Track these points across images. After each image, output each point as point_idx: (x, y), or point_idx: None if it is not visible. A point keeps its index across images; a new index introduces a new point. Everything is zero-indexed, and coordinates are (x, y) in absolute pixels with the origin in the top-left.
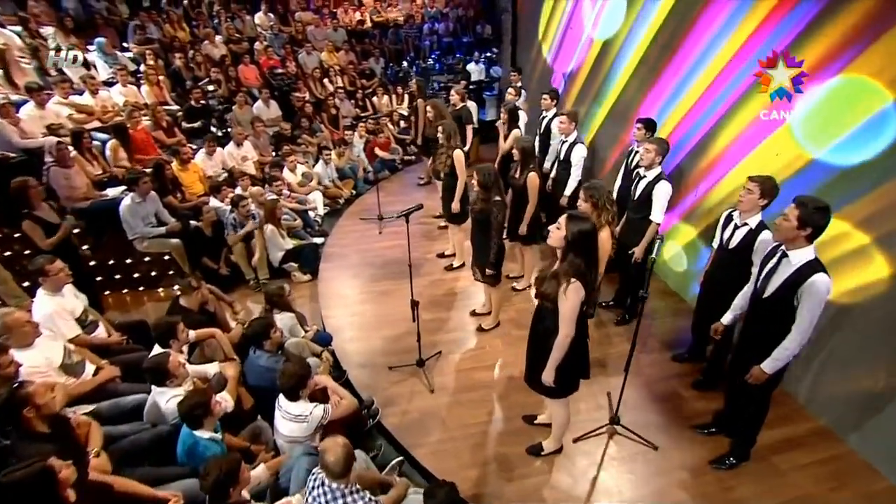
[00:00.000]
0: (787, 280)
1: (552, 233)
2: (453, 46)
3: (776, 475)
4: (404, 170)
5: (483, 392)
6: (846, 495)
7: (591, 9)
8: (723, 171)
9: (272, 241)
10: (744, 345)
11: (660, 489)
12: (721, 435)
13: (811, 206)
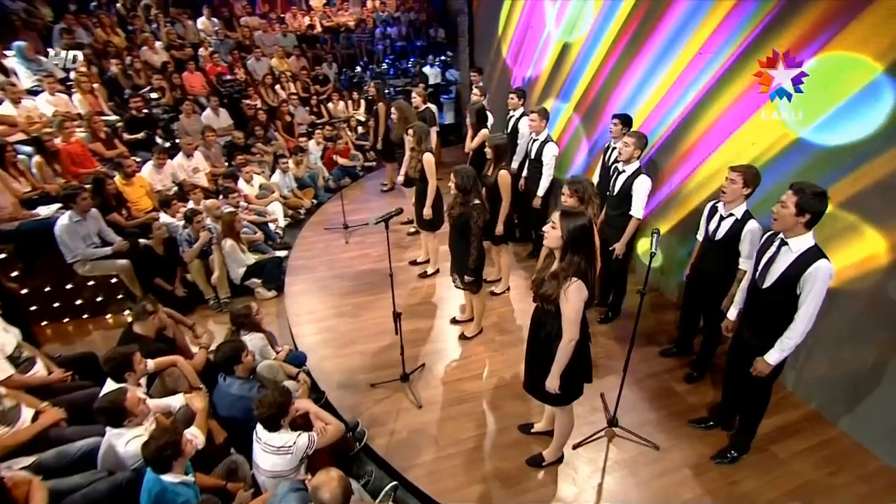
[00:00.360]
0: (788, 269)
1: (548, 233)
2: (407, 50)
3: (777, 465)
4: (365, 176)
5: (473, 403)
6: (844, 478)
7: (553, 5)
8: (695, 162)
9: (232, 256)
10: (743, 337)
11: (665, 489)
12: (718, 428)
13: (809, 192)
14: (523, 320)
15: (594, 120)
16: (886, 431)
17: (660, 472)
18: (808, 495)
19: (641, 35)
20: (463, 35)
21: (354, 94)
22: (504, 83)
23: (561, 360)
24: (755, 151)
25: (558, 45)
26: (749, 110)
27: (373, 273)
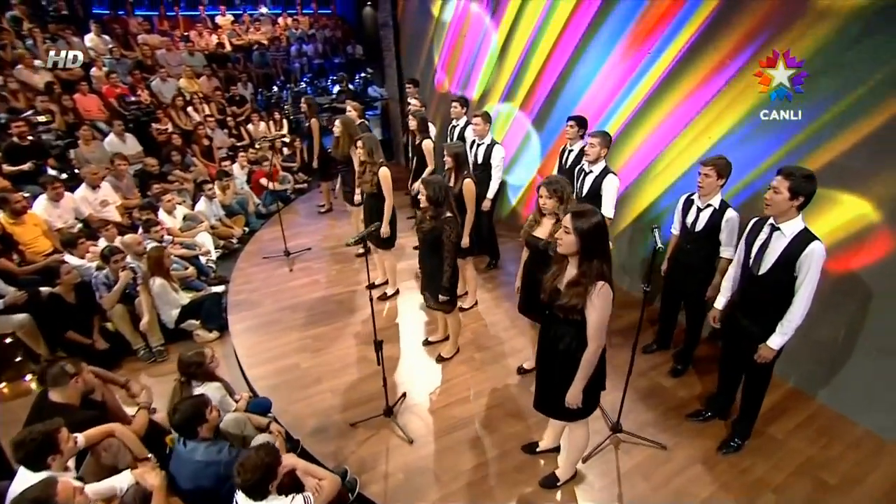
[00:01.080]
0: (783, 253)
1: (562, 239)
2: (325, 68)
3: (777, 446)
4: (298, 199)
5: (467, 429)
6: (837, 449)
7: (486, 11)
8: (649, 158)
9: (162, 297)
10: (740, 325)
11: (681, 490)
12: (716, 418)
13: (799, 175)
14: (498, 334)
15: (542, 120)
16: (862, 398)
17: (672, 473)
18: (813, 471)
19: (587, 31)
20: (389, 48)
21: (276, 115)
22: (437, 93)
23: (586, 371)
24: (708, 143)
25: (497, 46)
26: (699, 104)
27: (327, 301)
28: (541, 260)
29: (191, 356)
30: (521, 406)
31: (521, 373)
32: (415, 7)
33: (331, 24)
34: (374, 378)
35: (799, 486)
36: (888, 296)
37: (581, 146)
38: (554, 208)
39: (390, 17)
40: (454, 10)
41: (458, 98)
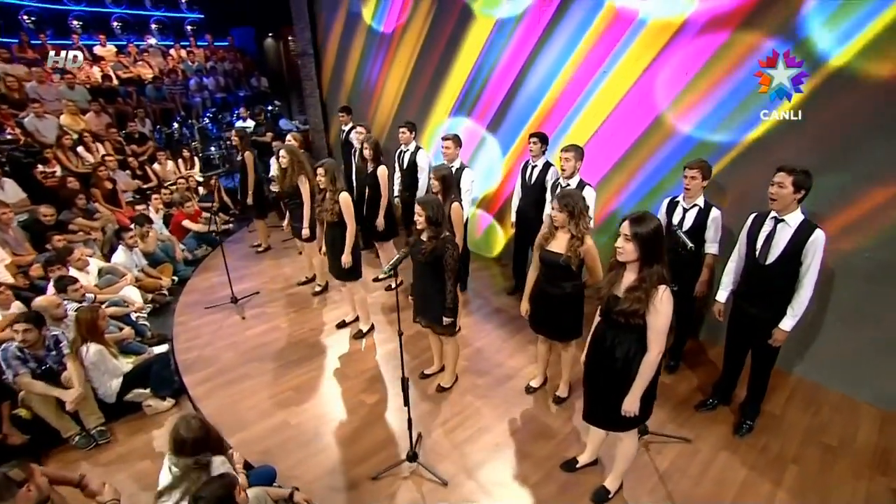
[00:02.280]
0: (790, 242)
1: (623, 248)
2: (229, 102)
3: (778, 421)
4: (227, 241)
5: (499, 459)
6: (825, 415)
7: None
8: (606, 166)
9: (100, 366)
10: (748, 314)
11: (719, 478)
12: (720, 405)
13: (799, 171)
14: (492, 357)
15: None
16: (832, 367)
17: (704, 464)
18: (815, 438)
19: (537, 45)
20: (309, 77)
21: (185, 152)
22: (373, 119)
23: (646, 377)
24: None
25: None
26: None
27: (296, 347)
28: (555, 275)
29: (192, 427)
30: (544, 425)
31: (531, 392)
32: (336, 34)
33: (230, 56)
34: (378, 423)
35: (810, 454)
36: (846, 273)
37: (544, 161)
38: (564, 222)
39: (310, 45)
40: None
41: (407, 123)
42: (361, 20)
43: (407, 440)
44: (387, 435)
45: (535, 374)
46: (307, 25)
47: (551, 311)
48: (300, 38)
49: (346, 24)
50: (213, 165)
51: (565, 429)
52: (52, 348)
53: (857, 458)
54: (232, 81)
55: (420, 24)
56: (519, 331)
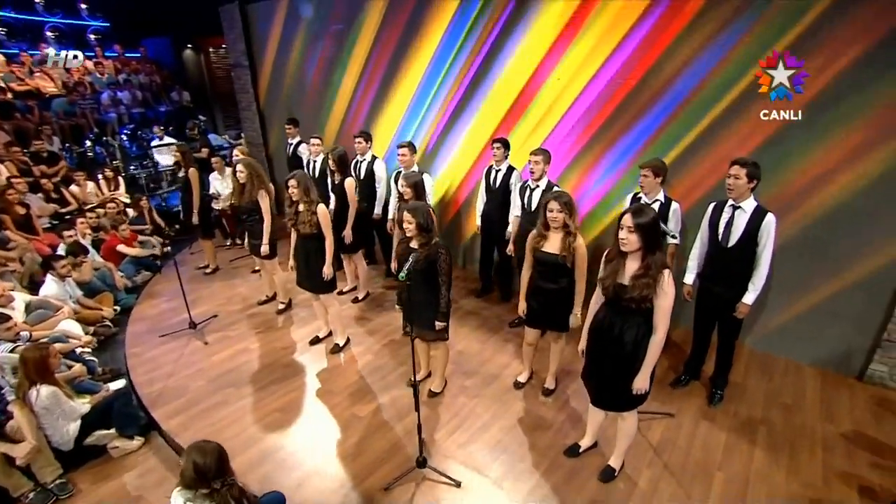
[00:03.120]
0: (747, 227)
1: (626, 239)
2: (149, 118)
3: (742, 389)
4: (167, 265)
5: (504, 455)
6: (778, 379)
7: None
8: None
9: (54, 410)
10: (714, 293)
11: (707, 446)
12: (692, 380)
13: (750, 163)
14: (476, 357)
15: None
16: (776, 334)
17: (690, 434)
18: (775, 400)
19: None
20: (245, 90)
21: (107, 172)
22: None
23: (654, 356)
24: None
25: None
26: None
27: (270, 368)
28: (550, 274)
29: (204, 458)
30: (539, 417)
31: (520, 387)
32: (273, 44)
33: (145, 68)
34: (376, 434)
35: (773, 414)
36: (784, 250)
37: (507, 165)
38: (564, 221)
39: (244, 56)
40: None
41: (362, 133)
42: (304, 28)
43: (409, 447)
44: (389, 445)
45: (520, 370)
46: (240, 36)
47: (549, 305)
48: (233, 50)
49: (286, 33)
50: (140, 186)
51: (559, 417)
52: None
53: (810, 413)
54: (151, 96)
55: (370, 31)
56: (495, 331)
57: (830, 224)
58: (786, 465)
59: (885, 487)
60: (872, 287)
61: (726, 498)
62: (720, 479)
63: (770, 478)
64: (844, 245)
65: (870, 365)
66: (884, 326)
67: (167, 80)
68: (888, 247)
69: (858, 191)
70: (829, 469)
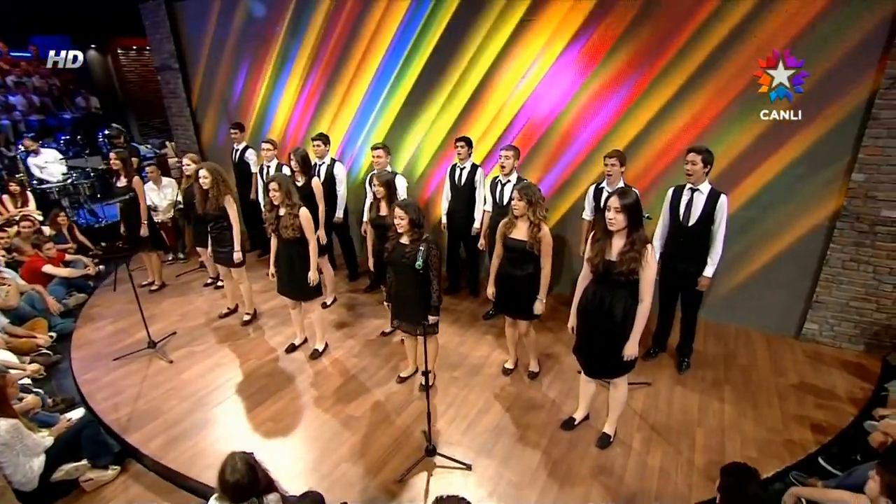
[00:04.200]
0: (704, 207)
1: (614, 218)
2: (51, 126)
3: (704, 356)
4: (102, 285)
5: (506, 436)
6: (731, 344)
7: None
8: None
9: (14, 446)
10: (677, 269)
11: (683, 406)
12: (660, 353)
13: (704, 150)
14: (457, 350)
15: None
16: (725, 305)
17: (668, 398)
18: (731, 362)
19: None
20: (175, 94)
21: (11, 186)
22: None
23: (641, 323)
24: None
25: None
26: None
27: (251, 380)
28: (519, 259)
29: (237, 471)
30: (530, 399)
31: (508, 373)
32: (206, 44)
33: (41, 70)
34: (377, 430)
35: (734, 374)
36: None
37: (471, 164)
38: (524, 210)
39: (173, 58)
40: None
41: (320, 136)
42: (239, 28)
43: (412, 439)
44: (391, 440)
45: (503, 358)
46: (168, 36)
47: (515, 291)
48: (159, 51)
49: (219, 32)
50: (55, 201)
51: (549, 396)
52: None
53: (762, 370)
54: (51, 101)
55: (315, 31)
56: (471, 325)
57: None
58: (752, 415)
59: (831, 423)
60: (799, 255)
61: (708, 448)
62: (700, 433)
63: (740, 427)
64: (773, 219)
65: (804, 325)
66: (812, 289)
67: (69, 83)
68: (806, 218)
69: (780, 172)
70: (786, 414)
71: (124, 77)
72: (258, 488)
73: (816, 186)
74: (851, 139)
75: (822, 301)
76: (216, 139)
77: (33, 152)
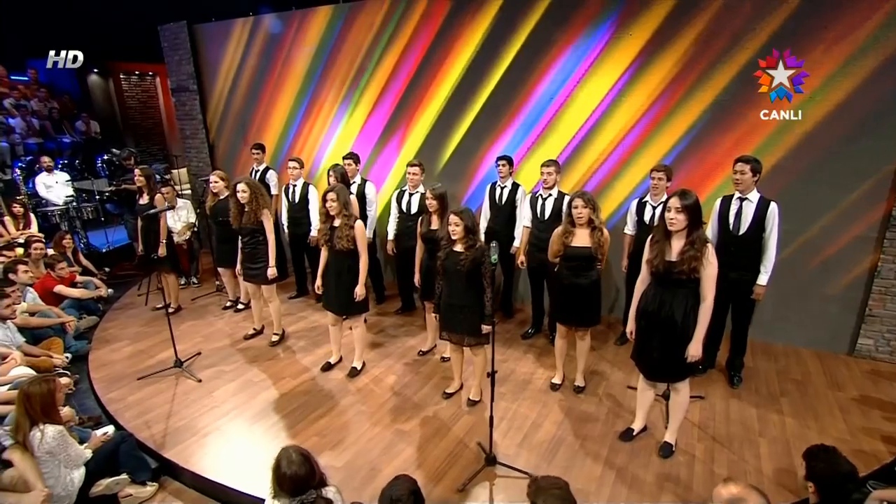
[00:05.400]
0: (755, 215)
1: (675, 219)
2: (49, 150)
3: (756, 371)
4: (112, 308)
5: (566, 447)
6: (782, 361)
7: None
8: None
9: (58, 454)
10: (729, 279)
11: (741, 418)
12: (707, 369)
13: (753, 160)
14: (499, 367)
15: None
16: (771, 325)
17: (724, 411)
18: (786, 377)
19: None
20: (191, 116)
21: (14, 208)
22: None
23: (704, 322)
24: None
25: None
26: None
27: (288, 398)
28: (582, 268)
29: (294, 462)
30: (583, 412)
31: (556, 388)
32: (226, 67)
33: (40, 94)
34: (431, 443)
35: (789, 388)
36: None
37: (512, 182)
38: (589, 216)
39: (192, 80)
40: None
41: (350, 155)
42: (262, 49)
43: (468, 452)
44: (447, 451)
45: (549, 374)
46: (187, 58)
47: (581, 300)
48: (177, 72)
49: (240, 53)
50: (55, 224)
51: (602, 410)
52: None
53: (819, 385)
54: (51, 125)
55: (352, 50)
56: (510, 343)
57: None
58: (815, 426)
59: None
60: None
61: (774, 456)
62: (764, 443)
63: (806, 438)
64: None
65: (857, 340)
66: (865, 303)
67: (69, 107)
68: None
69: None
70: (853, 426)
71: (125, 102)
72: (314, 480)
73: (860, 194)
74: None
75: (876, 315)
76: (231, 161)
77: (46, 169)
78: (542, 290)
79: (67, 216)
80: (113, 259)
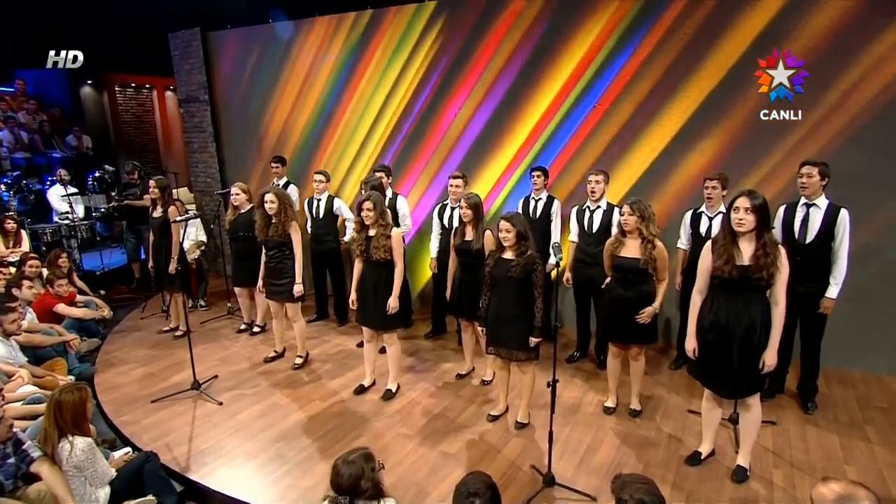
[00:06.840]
0: (823, 222)
1: (744, 219)
2: (38, 165)
3: (832, 398)
4: (115, 329)
5: (627, 470)
6: (861, 387)
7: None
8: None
9: (86, 469)
10: (795, 292)
11: (821, 447)
12: (776, 394)
13: (821, 163)
14: (543, 391)
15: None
16: (845, 350)
17: (801, 437)
18: (868, 405)
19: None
20: (202, 128)
21: (8, 224)
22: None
23: (778, 328)
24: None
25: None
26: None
27: (321, 418)
28: (631, 280)
29: (352, 462)
30: (641, 437)
31: (610, 412)
32: (238, 77)
33: (29, 106)
34: (481, 466)
35: (874, 415)
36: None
37: (546, 195)
38: (636, 225)
39: (204, 90)
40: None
41: (382, 167)
42: (277, 59)
43: (522, 473)
44: (500, 473)
45: (601, 398)
46: (199, 67)
47: (630, 314)
48: (187, 82)
49: (255, 63)
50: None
51: (663, 434)
52: (8, 454)
53: None
54: (41, 139)
55: (373, 60)
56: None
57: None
58: None
59: None
60: None
61: (866, 484)
62: (851, 471)
63: None
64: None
65: None
66: None
67: (59, 121)
68: None
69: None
70: None
71: (119, 116)
72: (367, 481)
73: None
74: None
75: None
76: (241, 176)
77: (61, 182)
78: (588, 309)
79: (60, 234)
80: (108, 281)
